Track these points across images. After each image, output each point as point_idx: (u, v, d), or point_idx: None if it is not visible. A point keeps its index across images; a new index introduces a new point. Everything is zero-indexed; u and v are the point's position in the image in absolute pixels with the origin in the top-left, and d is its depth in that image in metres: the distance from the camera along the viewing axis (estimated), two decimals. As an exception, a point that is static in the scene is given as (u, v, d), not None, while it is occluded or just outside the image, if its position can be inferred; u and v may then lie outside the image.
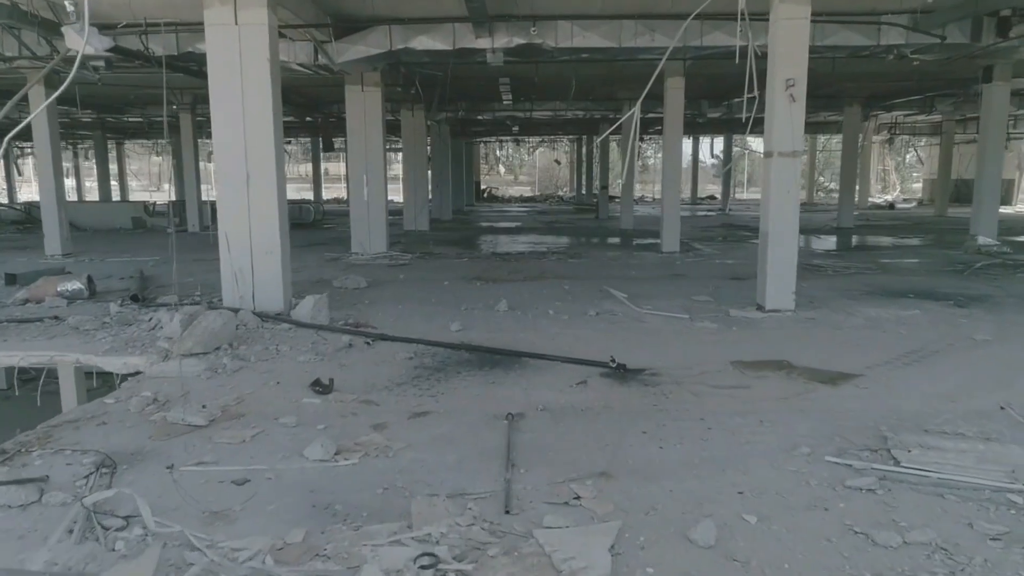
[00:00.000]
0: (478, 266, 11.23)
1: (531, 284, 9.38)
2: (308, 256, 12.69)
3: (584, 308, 7.62)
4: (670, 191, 12.62)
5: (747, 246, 14.33)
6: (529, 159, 53.72)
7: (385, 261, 11.91)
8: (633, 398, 4.63)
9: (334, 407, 4.49)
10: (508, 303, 7.72)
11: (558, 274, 10.30)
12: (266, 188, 7.09)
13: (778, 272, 7.15)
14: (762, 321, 6.93)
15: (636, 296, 8.31)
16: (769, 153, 7.10)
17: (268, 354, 5.76)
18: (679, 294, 8.50)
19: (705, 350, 5.88)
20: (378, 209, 12.55)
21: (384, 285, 9.34)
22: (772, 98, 7.06)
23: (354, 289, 8.96)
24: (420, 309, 7.67)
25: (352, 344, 6.11)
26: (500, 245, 14.78)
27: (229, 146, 7.04)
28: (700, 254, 12.69)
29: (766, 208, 7.20)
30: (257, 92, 6.96)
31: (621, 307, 7.71)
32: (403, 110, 17.20)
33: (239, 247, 7.18)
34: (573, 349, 5.87)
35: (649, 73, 13.44)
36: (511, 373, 5.24)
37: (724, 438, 3.92)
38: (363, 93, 12.17)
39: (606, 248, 14.15)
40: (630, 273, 10.45)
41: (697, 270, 10.70)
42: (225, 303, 7.31)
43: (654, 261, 11.84)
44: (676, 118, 12.35)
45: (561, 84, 16.15)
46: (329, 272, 10.55)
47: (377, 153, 12.38)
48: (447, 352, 5.84)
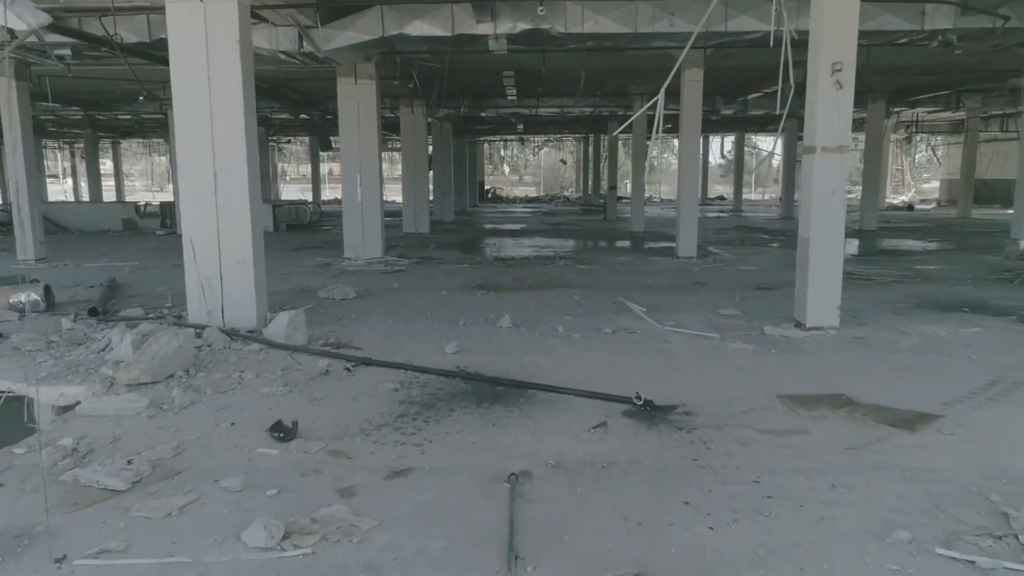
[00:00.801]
0: (480, 273, 10.35)
1: (537, 294, 8.50)
2: (299, 261, 11.84)
3: (598, 324, 6.73)
4: (687, 192, 11.72)
5: (767, 250, 13.43)
6: (534, 159, 52.86)
7: (379, 267, 11.04)
8: (666, 449, 3.74)
9: (294, 460, 3.61)
10: (512, 318, 6.84)
11: (567, 282, 9.41)
12: (236, 188, 6.22)
13: (821, 285, 6.25)
14: (803, 342, 6.02)
15: (655, 309, 7.41)
16: (811, 148, 6.19)
17: (229, 383, 4.88)
18: (702, 306, 7.60)
19: (743, 379, 4.98)
20: (373, 211, 11.68)
21: (375, 295, 8.46)
22: (815, 85, 6.17)
23: (341, 300, 8.09)
24: (412, 325, 6.79)
25: (330, 370, 5.23)
26: (504, 249, 13.90)
27: (193, 140, 6.18)
28: (719, 259, 11.79)
29: (807, 211, 6.30)
30: (226, 79, 6.09)
31: (639, 323, 6.82)
32: (402, 106, 16.32)
33: (206, 255, 6.32)
34: (588, 377, 4.98)
35: (664, 65, 12.56)
36: (515, 411, 4.35)
37: (790, 513, 3.03)
38: (357, 86, 11.31)
39: (617, 252, 13.25)
40: (645, 281, 9.55)
41: (718, 278, 9.79)
42: (190, 319, 6.45)
43: (670, 267, 10.93)
44: (694, 114, 11.44)
45: (569, 78, 15.27)
46: (318, 279, 9.68)
47: (372, 151, 11.51)
48: (440, 381, 4.96)
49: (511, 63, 13.08)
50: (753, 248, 13.79)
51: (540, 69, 12.05)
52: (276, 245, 14.49)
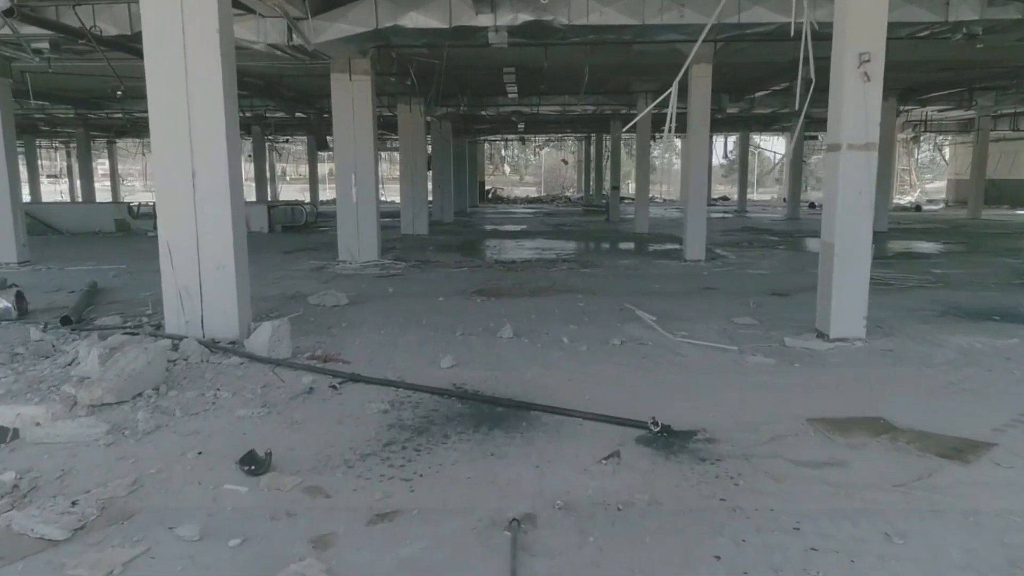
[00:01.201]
0: (479, 277, 9.90)
1: (540, 300, 8.04)
2: (291, 264, 11.39)
3: (605, 334, 6.27)
4: (695, 193, 11.26)
5: (777, 253, 12.98)
6: (535, 159, 52.43)
7: (375, 270, 10.59)
8: (689, 485, 3.29)
9: (265, 499, 3.16)
10: (513, 327, 6.39)
11: (571, 287, 8.96)
12: (216, 188, 5.77)
13: (847, 294, 5.80)
14: (829, 354, 5.57)
15: (665, 317, 6.96)
16: (835, 146, 5.74)
17: (202, 404, 4.43)
18: (715, 314, 7.15)
19: (767, 399, 4.53)
20: (368, 212, 11.24)
21: (368, 301, 8.01)
22: (839, 78, 5.72)
23: (332, 307, 7.64)
24: (407, 335, 6.34)
25: (314, 388, 4.78)
26: (504, 251, 13.45)
27: (169, 137, 5.73)
28: (727, 262, 11.33)
29: (830, 214, 5.85)
30: (204, 71, 5.64)
31: (649, 333, 6.37)
32: (400, 104, 15.89)
33: (184, 260, 5.87)
34: (596, 396, 4.54)
35: (671, 62, 12.15)
36: (516, 437, 3.90)
37: (840, 571, 2.58)
38: (351, 82, 10.86)
39: (622, 255, 12.79)
40: (653, 286, 9.10)
41: (729, 283, 9.34)
42: (168, 329, 6.01)
43: (678, 271, 10.48)
44: (702, 111, 10.99)
45: (571, 74, 14.81)
46: (309, 284, 9.23)
47: (367, 150, 11.07)
48: (434, 401, 4.51)
49: (512, 59, 12.63)
50: (762, 250, 13.34)
51: (542, 65, 11.60)
52: (269, 247, 14.06)
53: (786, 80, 14.29)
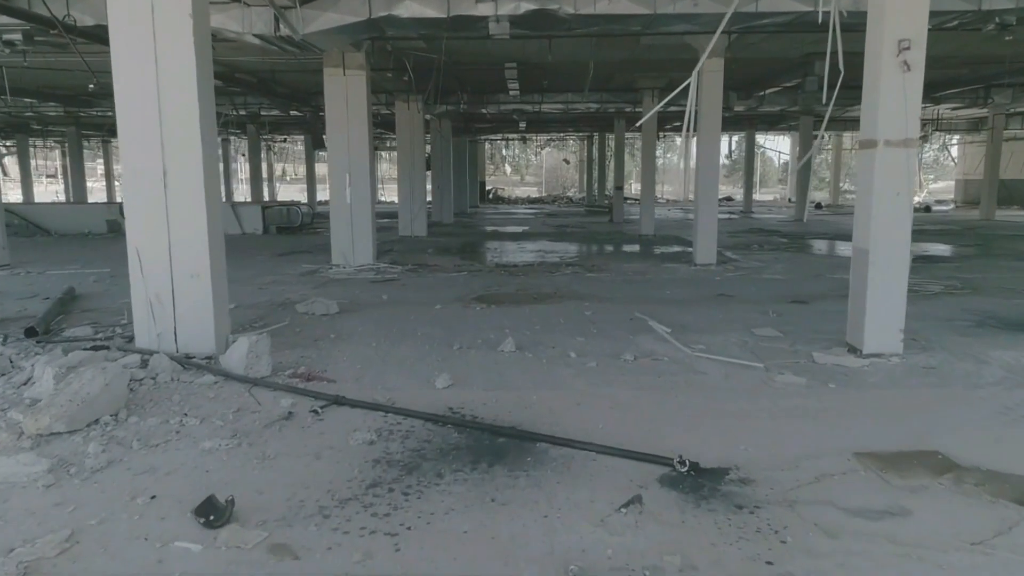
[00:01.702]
0: (479, 282, 9.38)
1: (544, 309, 7.53)
2: (282, 268, 10.88)
3: (616, 348, 5.76)
4: (706, 194, 10.74)
5: (789, 256, 12.44)
6: (537, 159, 51.96)
7: (370, 275, 10.08)
8: (727, 543, 2.77)
9: (222, 562, 2.65)
10: (515, 339, 5.87)
11: (576, 293, 8.44)
12: (190, 189, 5.26)
13: (882, 305, 5.27)
14: (865, 373, 5.05)
15: (680, 328, 6.45)
16: (871, 142, 5.22)
17: (164, 433, 3.91)
18: (734, 324, 6.63)
19: (804, 428, 4.01)
20: (363, 214, 10.72)
21: (361, 310, 7.49)
22: (875, 68, 5.20)
23: (322, 316, 7.12)
24: (399, 349, 5.82)
25: (293, 413, 4.26)
26: (506, 254, 12.93)
27: (138, 132, 5.22)
28: (739, 267, 10.81)
29: (864, 217, 5.32)
30: (176, 61, 5.12)
31: (664, 346, 5.84)
32: (398, 102, 15.39)
33: (155, 268, 5.36)
34: (610, 424, 4.02)
35: (679, 57, 11.61)
36: (521, 476, 3.38)
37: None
38: (345, 77, 10.35)
39: (628, 258, 12.27)
40: (663, 292, 8.58)
41: (744, 289, 8.82)
42: (138, 342, 5.50)
43: (688, 276, 9.96)
44: (713, 109, 10.47)
45: (575, 71, 14.31)
46: (299, 290, 8.72)
47: (362, 148, 10.55)
48: (427, 430, 3.99)
49: (514, 53, 12.12)
50: (773, 253, 12.81)
51: (547, 57, 11.08)
52: (262, 249, 13.55)
53: (798, 76, 13.76)
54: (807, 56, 12.73)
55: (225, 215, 17.46)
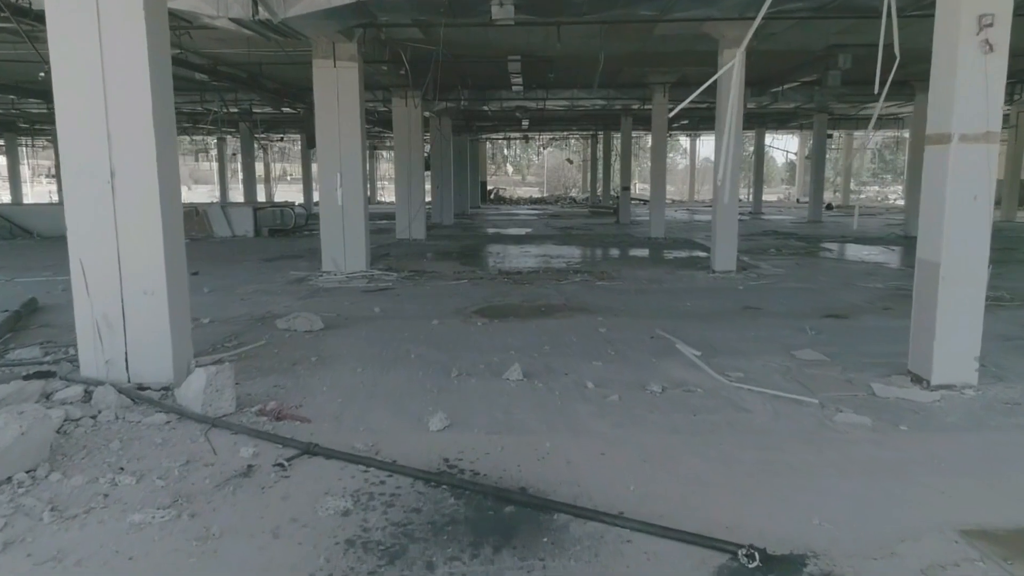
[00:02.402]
0: (481, 292, 8.60)
1: (552, 324, 6.74)
2: (269, 275, 10.11)
3: (639, 375, 4.98)
4: (727, 195, 9.95)
5: (812, 261, 11.66)
6: (538, 159, 51.20)
7: (362, 283, 9.30)
8: None
9: None
10: (522, 365, 5.09)
11: (587, 305, 7.66)
12: (142, 191, 4.48)
13: (956, 328, 4.49)
14: (938, 409, 4.27)
15: (709, 349, 5.67)
16: (942, 137, 4.44)
17: (88, 498, 3.14)
18: (770, 345, 5.85)
19: (887, 490, 3.23)
20: (356, 217, 9.94)
21: (349, 326, 6.71)
22: (948, 50, 4.41)
23: (305, 333, 6.34)
24: (389, 376, 5.04)
25: (253, 467, 3.48)
26: (509, 259, 12.15)
27: (80, 125, 4.44)
28: (761, 274, 10.01)
29: (933, 224, 4.54)
30: (125, 40, 4.35)
31: (695, 373, 5.06)
32: (395, 98, 14.62)
33: (102, 284, 4.59)
34: (642, 483, 3.25)
35: (693, 49, 10.73)
36: (536, 570, 2.59)
37: None
38: (336, 70, 9.58)
39: (640, 264, 11.47)
40: (683, 304, 7.80)
41: (771, 300, 8.03)
42: (83, 371, 4.72)
43: (708, 285, 9.17)
44: (733, 103, 9.65)
45: (582, 65, 13.52)
46: (284, 301, 7.95)
47: (354, 146, 9.78)
48: (416, 493, 3.21)
49: (518, 44, 11.34)
50: (794, 258, 12.03)
51: (554, 46, 10.26)
52: (249, 254, 12.78)
53: (818, 71, 12.96)
54: (830, 49, 11.95)
55: (215, 217, 16.72)
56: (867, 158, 44.26)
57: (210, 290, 8.75)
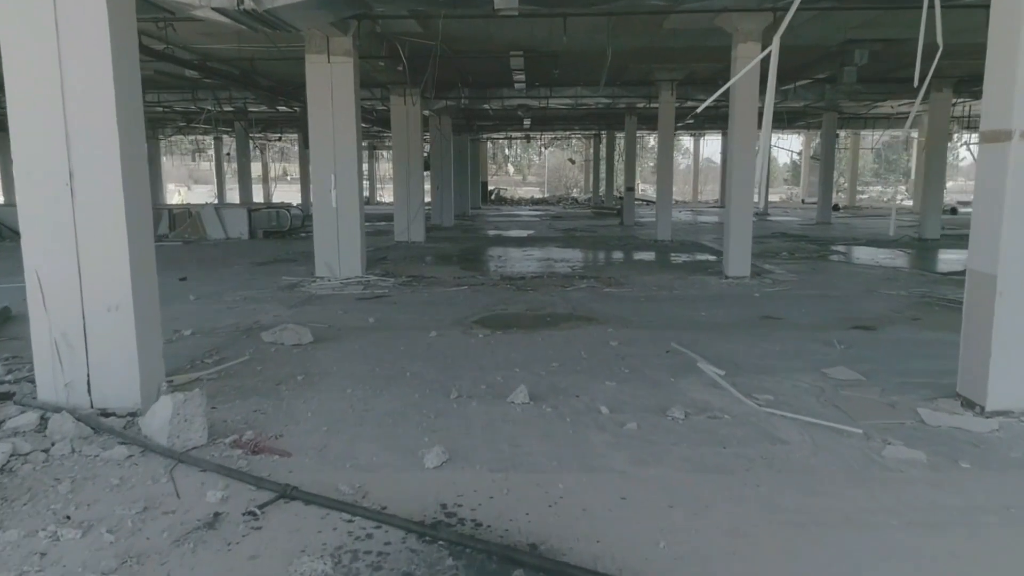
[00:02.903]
0: (482, 299, 8.13)
1: (560, 336, 6.27)
2: (259, 280, 9.64)
3: (658, 398, 4.51)
4: (739, 198, 9.48)
5: (827, 266, 11.18)
6: (539, 159, 50.74)
7: (357, 289, 8.84)
8: None
9: None
10: (529, 385, 4.62)
11: (595, 314, 7.19)
12: (105, 195, 4.02)
13: (1015, 348, 4.01)
14: (998, 441, 3.79)
15: (731, 365, 5.20)
16: (1000, 134, 3.95)
17: (22, 558, 2.67)
18: (797, 361, 5.38)
19: (962, 551, 2.75)
20: (351, 220, 9.47)
21: (341, 338, 6.24)
22: (1008, 35, 3.93)
23: (292, 347, 5.87)
24: (382, 399, 4.57)
25: (221, 513, 3.01)
26: (511, 263, 11.68)
27: (34, 121, 3.97)
28: (776, 280, 9.53)
29: (988, 233, 4.06)
30: (85, 27, 3.88)
31: (719, 395, 4.59)
32: (393, 96, 14.15)
33: (61, 298, 4.11)
34: (673, 537, 2.77)
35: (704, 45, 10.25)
36: (553, 659, 2.12)
37: None
38: (330, 65, 9.11)
39: (649, 269, 10.99)
40: (698, 313, 7.33)
41: (791, 309, 7.56)
42: (41, 395, 4.26)
43: (722, 291, 8.70)
44: (748, 100, 9.22)
45: (588, 61, 13.07)
46: (272, 310, 7.48)
47: (349, 145, 9.31)
48: (408, 551, 2.73)
49: (521, 38, 10.87)
50: (808, 263, 11.55)
51: (560, 40, 9.79)
52: (242, 257, 12.32)
53: (832, 68, 12.50)
54: (846, 44, 11.49)
55: (208, 219, 16.26)
56: (870, 158, 43.73)
57: (196, 298, 8.29)
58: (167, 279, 9.90)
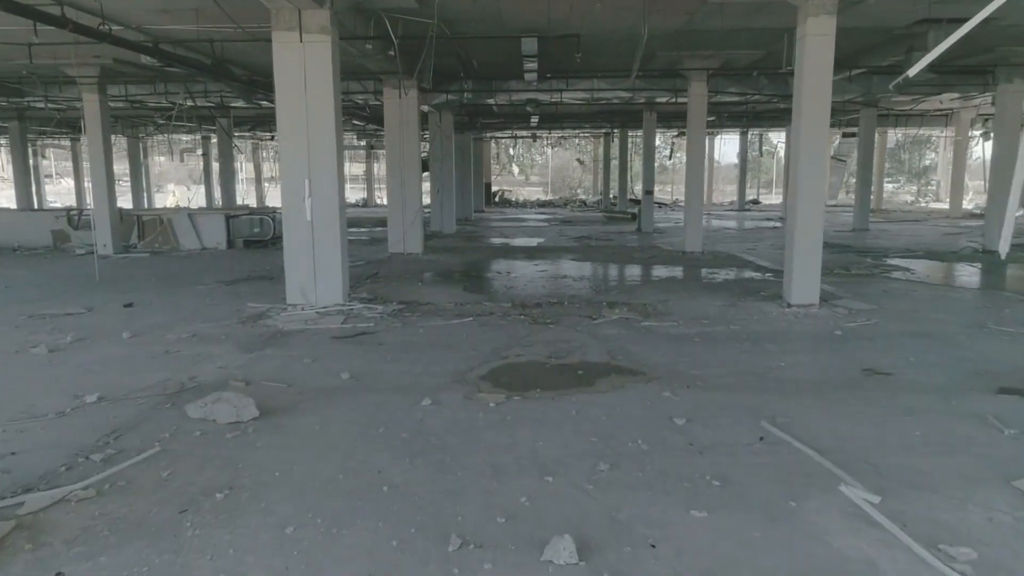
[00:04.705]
0: (491, 338, 6.41)
1: (599, 406, 4.54)
2: (222, 306, 7.97)
3: (782, 550, 2.78)
4: (807, 205, 7.73)
5: (900, 287, 9.39)
6: (542, 159, 49.01)
7: (335, 322, 7.12)
8: None
9: None
10: (572, 521, 2.91)
11: (641, 364, 5.46)
12: None
13: None
14: None
15: (863, 464, 3.52)
16: None
17: None
18: (955, 459, 3.67)
19: None
20: (330, 236, 7.74)
21: (298, 411, 4.52)
22: None
23: (227, 429, 4.15)
24: (339, 548, 2.84)
25: None
26: (522, 281, 9.94)
27: None
28: (851, 309, 7.73)
29: None
30: None
31: (883, 545, 2.85)
32: (386, 88, 12.43)
33: None
34: None
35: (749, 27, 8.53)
36: None
37: None
38: (302, 45, 7.40)
39: (688, 291, 9.20)
40: (775, 361, 5.59)
41: (893, 356, 5.81)
42: None
43: (790, 325, 6.96)
44: (819, 86, 7.46)
45: (608, 48, 11.35)
46: (223, 356, 5.79)
47: (327, 145, 7.58)
48: None
49: (536, 19, 9.13)
50: (872, 282, 9.79)
51: (581, 19, 8.06)
52: (211, 273, 10.60)
53: (895, 54, 10.76)
54: (916, 26, 9.74)
55: (181, 228, 14.52)
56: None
57: (132, 335, 6.59)
58: (112, 304, 8.23)
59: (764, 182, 41.87)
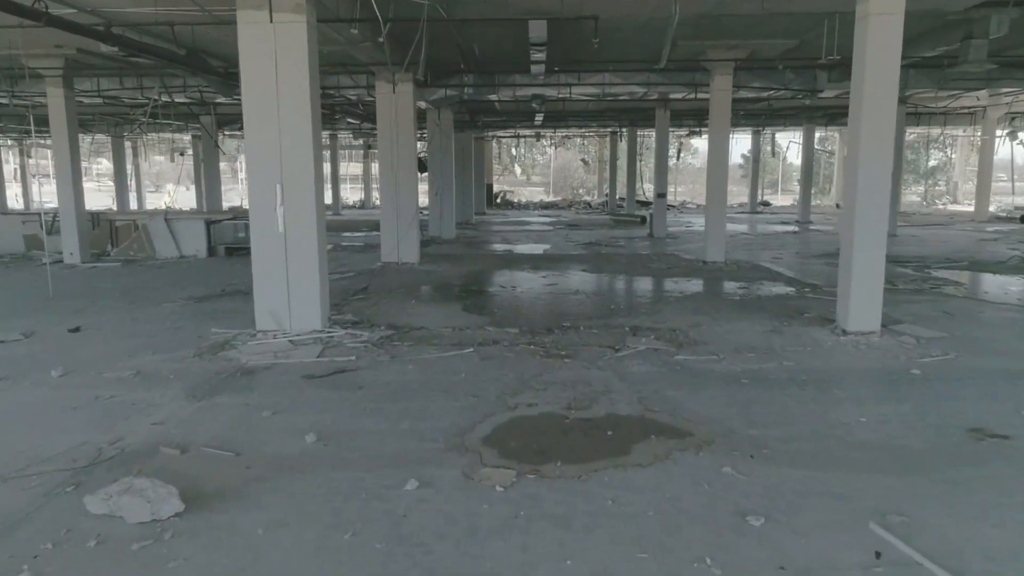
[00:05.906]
0: (495, 378, 5.26)
1: (642, 492, 3.40)
2: (181, 331, 6.85)
3: None
4: (867, 212, 6.59)
5: (960, 306, 8.24)
6: (544, 158, 47.86)
7: (311, 353, 5.99)
8: None
9: None
10: None
11: (684, 421, 4.32)
12: None
13: None
14: None
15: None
16: None
17: None
18: None
19: None
20: (306, 250, 6.60)
21: (234, 503, 3.37)
22: None
23: (134, 532, 3.01)
24: None
25: None
26: (529, 298, 8.79)
27: None
28: (920, 337, 6.58)
29: None
30: None
31: None
32: (379, 82, 11.30)
33: None
34: None
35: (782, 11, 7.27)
36: None
37: None
38: (272, 27, 6.27)
39: (720, 311, 8.01)
40: (852, 417, 4.45)
41: (993, 405, 4.67)
42: None
43: (854, 361, 5.82)
44: (885, 74, 6.33)
45: (622, 37, 10.21)
46: (166, 404, 4.65)
47: (303, 143, 6.44)
48: None
49: (546, 2, 7.97)
50: (928, 299, 8.65)
51: (592, 12, 6.90)
52: (180, 287, 9.43)
53: (948, 42, 9.62)
54: (974, 10, 8.61)
55: (157, 234, 13.38)
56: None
57: (64, 372, 5.46)
58: (58, 328, 7.12)
59: (769, 183, 40.76)
